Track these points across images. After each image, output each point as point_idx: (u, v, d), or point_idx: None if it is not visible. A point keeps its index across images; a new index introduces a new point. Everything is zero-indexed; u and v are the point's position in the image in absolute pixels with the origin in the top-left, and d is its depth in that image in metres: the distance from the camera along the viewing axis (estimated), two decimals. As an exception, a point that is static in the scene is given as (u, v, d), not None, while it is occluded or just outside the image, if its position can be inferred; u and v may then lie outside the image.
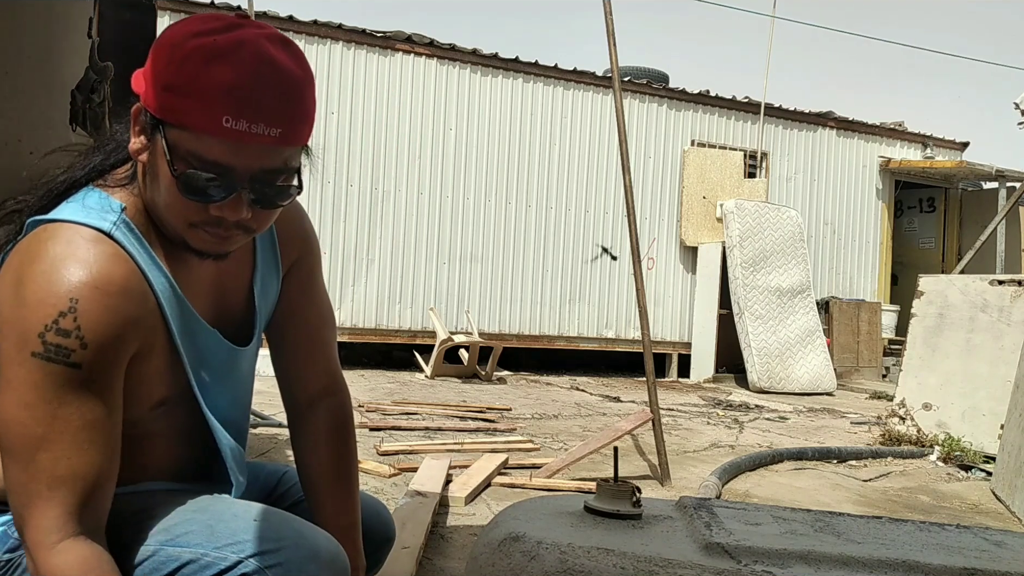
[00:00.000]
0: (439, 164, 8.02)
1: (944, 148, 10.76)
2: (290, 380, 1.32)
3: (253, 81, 0.94)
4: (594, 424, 5.14)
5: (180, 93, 0.95)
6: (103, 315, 0.96)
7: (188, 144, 0.96)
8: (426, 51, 7.99)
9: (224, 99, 0.93)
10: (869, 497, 3.59)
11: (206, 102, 0.93)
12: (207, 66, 0.94)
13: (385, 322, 7.82)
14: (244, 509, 1.10)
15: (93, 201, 1.04)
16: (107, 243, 1.00)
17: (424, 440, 4.14)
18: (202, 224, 1.01)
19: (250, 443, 4.03)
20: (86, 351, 0.95)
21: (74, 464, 0.96)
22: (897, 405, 5.05)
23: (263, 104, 0.95)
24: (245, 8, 6.52)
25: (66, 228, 1.00)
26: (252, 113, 0.94)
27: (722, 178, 8.94)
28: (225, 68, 0.94)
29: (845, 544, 1.30)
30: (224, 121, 0.93)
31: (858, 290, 9.96)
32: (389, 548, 1.43)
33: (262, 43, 0.97)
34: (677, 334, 8.93)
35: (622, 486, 1.41)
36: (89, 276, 0.96)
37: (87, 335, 0.95)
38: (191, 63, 0.94)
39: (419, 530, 2.37)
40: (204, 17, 0.99)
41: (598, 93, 8.64)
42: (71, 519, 0.95)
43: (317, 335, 1.31)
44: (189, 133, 0.95)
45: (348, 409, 1.35)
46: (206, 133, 0.95)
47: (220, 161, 0.96)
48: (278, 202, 1.04)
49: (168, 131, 0.97)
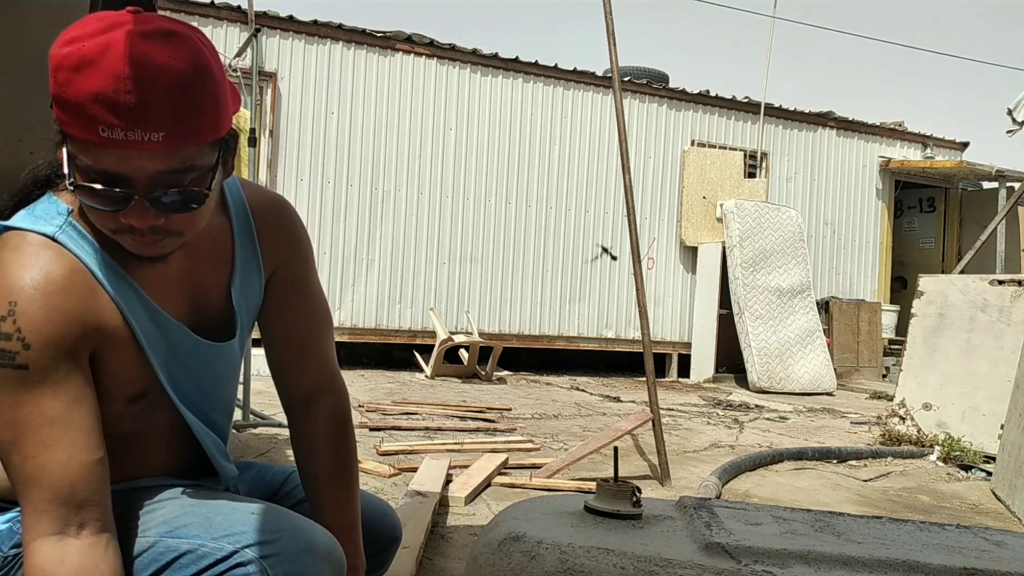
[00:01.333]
0: (439, 164, 8.03)
1: (944, 148, 10.76)
2: (286, 380, 1.32)
3: (120, 86, 0.89)
4: (594, 424, 5.14)
5: (60, 105, 0.92)
6: (42, 313, 0.97)
7: (81, 155, 0.94)
8: (426, 51, 7.99)
9: (95, 108, 0.89)
10: (869, 497, 3.59)
11: (80, 113, 0.90)
12: (76, 75, 0.90)
13: (385, 322, 7.82)
14: (243, 503, 1.11)
15: (41, 208, 1.05)
16: (51, 246, 1.02)
17: (424, 440, 4.14)
18: (119, 231, 0.99)
19: (250, 443, 4.02)
20: (30, 351, 0.96)
21: (40, 462, 0.96)
22: (897, 405, 5.05)
23: (136, 109, 0.90)
24: (245, 8, 6.52)
25: (15, 235, 1.02)
26: (126, 120, 0.90)
27: (722, 178, 8.94)
28: (92, 76, 0.89)
29: (845, 544, 1.30)
30: (101, 131, 0.90)
31: (858, 290, 9.96)
32: (396, 548, 1.43)
33: (134, 42, 0.90)
34: (677, 334, 8.93)
35: (622, 486, 1.40)
36: (27, 278, 0.98)
37: (28, 336, 0.96)
38: (62, 74, 0.91)
39: (419, 530, 2.37)
40: (85, 21, 0.94)
41: (598, 93, 8.64)
42: (43, 517, 0.96)
43: (310, 336, 1.30)
44: (77, 144, 0.93)
45: (346, 408, 1.34)
46: (88, 144, 0.92)
47: (110, 170, 0.93)
48: (188, 205, 0.99)
49: (67, 143, 0.95)
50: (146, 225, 0.98)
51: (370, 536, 1.33)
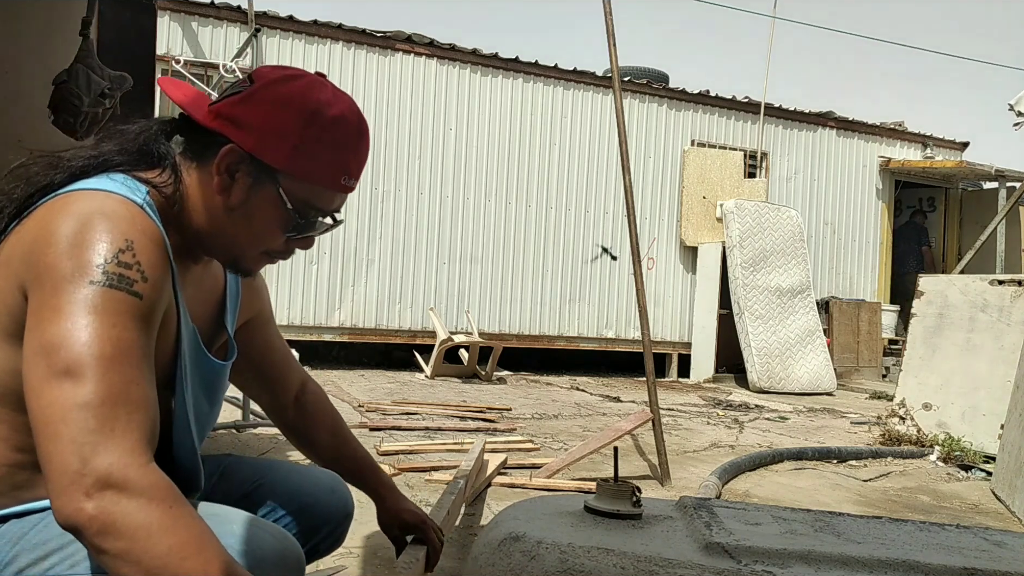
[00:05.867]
0: (439, 164, 8.03)
1: (944, 148, 10.76)
2: (273, 393, 1.49)
3: (363, 145, 1.15)
4: (594, 424, 5.14)
5: (315, 156, 1.09)
6: (155, 257, 0.99)
7: (302, 193, 1.11)
8: (426, 51, 7.99)
9: (350, 163, 1.13)
10: (869, 497, 3.59)
11: (338, 165, 1.11)
12: (344, 135, 1.11)
13: (385, 322, 7.82)
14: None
15: (120, 178, 1.06)
16: (141, 211, 1.02)
17: (424, 440, 4.14)
18: (275, 253, 1.17)
19: (250, 443, 4.03)
20: (146, 284, 0.96)
21: (145, 391, 0.92)
22: (897, 405, 5.06)
23: (364, 163, 1.16)
24: (245, 8, 6.53)
25: (96, 193, 1.01)
26: (358, 171, 1.15)
27: (722, 178, 8.94)
28: (351, 135, 1.12)
29: (845, 544, 1.30)
30: (343, 180, 1.12)
31: (858, 290, 9.96)
32: (348, 523, 1.46)
33: (356, 108, 1.15)
34: (677, 334, 8.93)
35: (622, 486, 1.40)
36: (138, 224, 0.99)
37: (147, 270, 0.97)
38: (334, 132, 1.10)
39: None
40: (315, 82, 1.12)
41: (598, 93, 8.64)
42: (150, 447, 0.90)
43: (284, 361, 1.50)
44: (308, 185, 1.11)
45: (321, 390, 1.58)
46: (326, 188, 1.12)
47: (324, 208, 1.14)
48: (326, 233, 1.22)
49: (283, 179, 1.09)
50: (305, 249, 1.19)
51: (322, 515, 1.38)
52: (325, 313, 7.58)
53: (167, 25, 6.95)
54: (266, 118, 1.08)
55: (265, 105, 1.08)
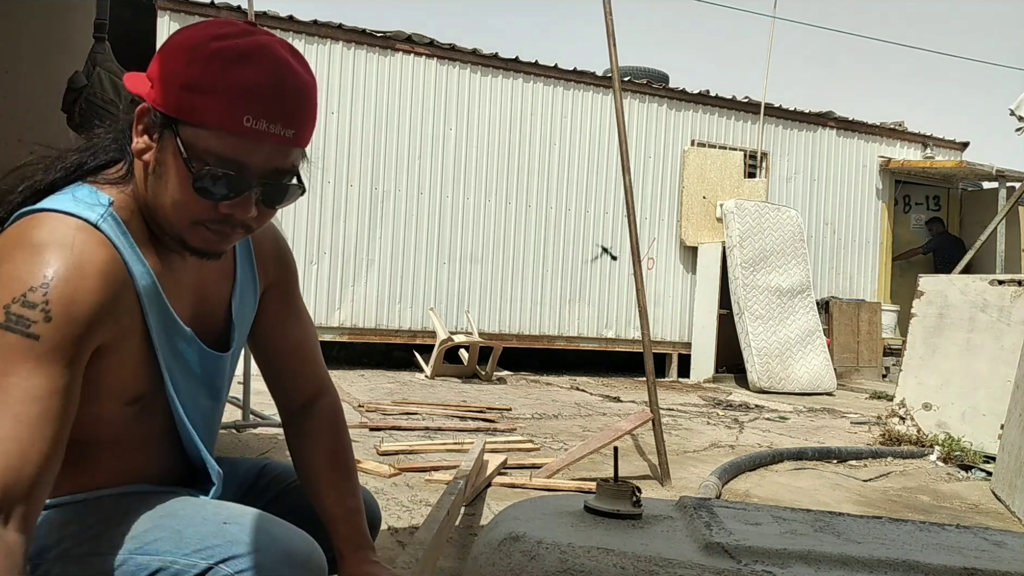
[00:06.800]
0: (439, 164, 8.03)
1: (944, 148, 10.76)
2: (282, 390, 1.37)
3: (274, 83, 0.99)
4: (594, 424, 5.14)
5: (202, 92, 0.97)
6: (75, 295, 0.96)
7: (205, 142, 0.99)
8: (426, 51, 7.99)
9: (247, 99, 0.97)
10: (869, 497, 3.59)
11: (229, 101, 0.97)
12: (232, 66, 0.98)
13: (385, 322, 7.82)
14: (214, 512, 1.09)
15: (82, 194, 1.05)
16: (92, 231, 1.01)
17: (424, 440, 4.14)
18: (208, 222, 1.04)
19: (250, 443, 4.03)
20: (48, 324, 0.94)
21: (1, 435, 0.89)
22: (897, 405, 5.05)
23: (281, 105, 0.99)
24: (245, 8, 6.52)
25: (52, 216, 1.01)
26: (271, 113, 0.99)
27: (722, 178, 8.94)
28: (248, 70, 0.98)
29: (845, 544, 1.30)
30: (245, 120, 0.97)
31: (858, 290, 9.96)
32: (375, 533, 1.44)
33: (278, 48, 1.02)
34: (677, 334, 8.93)
35: (622, 486, 1.40)
36: (68, 258, 0.97)
37: (53, 309, 0.94)
38: (215, 63, 0.98)
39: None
40: (218, 22, 1.03)
41: (598, 93, 8.64)
42: None
43: (301, 347, 1.36)
44: (207, 131, 0.98)
45: (339, 406, 1.41)
46: (226, 131, 0.98)
47: (236, 159, 0.99)
48: (283, 201, 1.07)
49: (183, 129, 0.99)
50: (244, 216, 1.04)
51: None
52: (325, 313, 7.58)
53: (167, 25, 6.95)
54: (160, 64, 1.02)
55: (163, 52, 1.03)
